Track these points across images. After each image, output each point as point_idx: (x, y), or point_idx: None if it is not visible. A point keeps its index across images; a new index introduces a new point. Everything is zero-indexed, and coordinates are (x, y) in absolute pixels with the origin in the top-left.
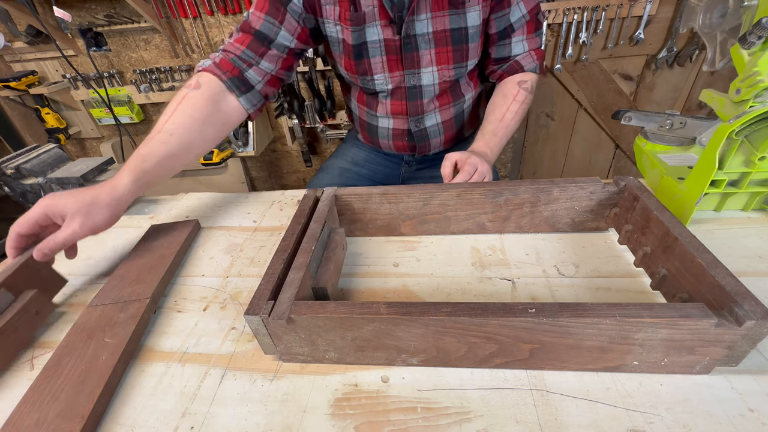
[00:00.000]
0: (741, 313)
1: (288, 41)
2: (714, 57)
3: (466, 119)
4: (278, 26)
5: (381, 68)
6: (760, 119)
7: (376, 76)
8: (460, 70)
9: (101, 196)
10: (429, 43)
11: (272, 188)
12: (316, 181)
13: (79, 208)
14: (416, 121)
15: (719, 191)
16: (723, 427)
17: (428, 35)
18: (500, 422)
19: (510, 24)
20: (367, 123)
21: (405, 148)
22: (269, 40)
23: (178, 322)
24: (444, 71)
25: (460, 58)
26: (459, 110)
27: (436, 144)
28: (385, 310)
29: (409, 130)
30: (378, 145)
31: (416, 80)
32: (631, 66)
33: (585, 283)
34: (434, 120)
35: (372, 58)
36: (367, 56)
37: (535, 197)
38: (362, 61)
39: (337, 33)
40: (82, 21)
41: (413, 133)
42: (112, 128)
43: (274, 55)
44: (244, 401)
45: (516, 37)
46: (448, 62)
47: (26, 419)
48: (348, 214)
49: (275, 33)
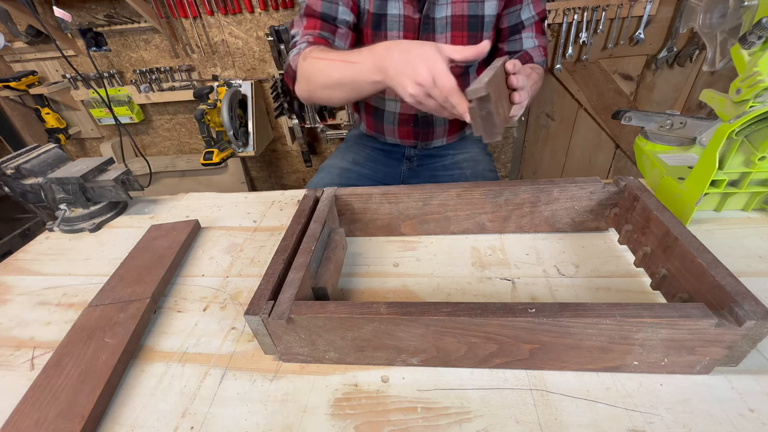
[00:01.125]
0: (741, 313)
1: (348, 16)
2: (714, 57)
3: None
4: (336, 3)
5: None
6: (760, 119)
7: None
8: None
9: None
10: (446, 27)
11: (272, 188)
12: (316, 180)
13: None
14: None
15: (719, 191)
16: (723, 427)
17: (446, 19)
18: (500, 422)
19: (521, 21)
20: (374, 107)
21: (409, 135)
22: (333, 18)
23: (178, 322)
24: None
25: (474, 45)
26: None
27: (439, 133)
28: (385, 310)
29: (415, 115)
30: (382, 132)
31: None
32: (631, 66)
33: (585, 283)
34: None
35: (389, 31)
36: (385, 29)
37: (535, 197)
38: (379, 32)
39: (364, 3)
40: (82, 21)
41: (419, 118)
42: (112, 128)
43: (343, 33)
44: (244, 401)
45: (526, 33)
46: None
47: (26, 419)
48: (348, 214)
49: (335, 10)
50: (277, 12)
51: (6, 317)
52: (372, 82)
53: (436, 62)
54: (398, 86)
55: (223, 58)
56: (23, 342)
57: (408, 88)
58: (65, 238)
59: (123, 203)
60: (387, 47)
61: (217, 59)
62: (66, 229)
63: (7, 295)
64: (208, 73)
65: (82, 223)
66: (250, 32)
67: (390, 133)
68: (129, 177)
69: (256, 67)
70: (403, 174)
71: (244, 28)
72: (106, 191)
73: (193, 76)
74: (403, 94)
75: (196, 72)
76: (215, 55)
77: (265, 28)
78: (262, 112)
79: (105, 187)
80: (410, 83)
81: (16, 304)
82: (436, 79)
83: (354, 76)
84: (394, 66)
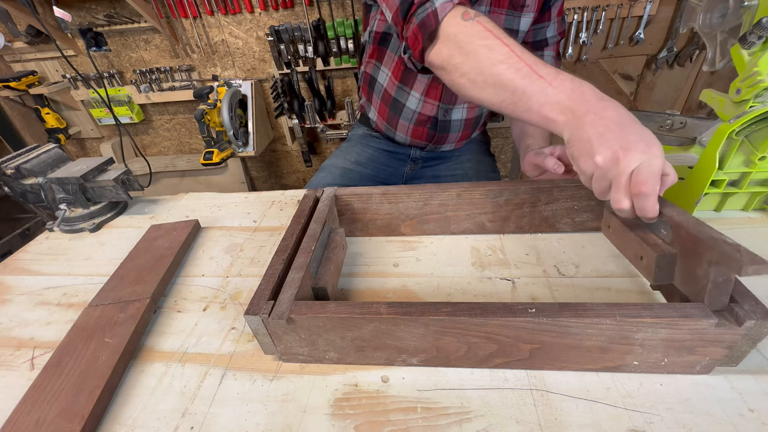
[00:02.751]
0: (741, 313)
1: None
2: (714, 57)
3: (480, 124)
4: None
5: None
6: (760, 119)
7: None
8: None
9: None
10: None
11: (272, 188)
12: (317, 180)
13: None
14: (445, 110)
15: (719, 191)
16: (723, 427)
17: None
18: (500, 422)
19: (546, 38)
20: (394, 98)
21: (422, 136)
22: None
23: (178, 322)
24: None
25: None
26: (481, 112)
27: (452, 139)
28: (385, 310)
29: (435, 117)
30: (394, 127)
31: None
32: (631, 66)
33: (585, 283)
34: (461, 115)
35: None
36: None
37: (535, 197)
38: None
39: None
40: (82, 21)
41: (438, 121)
42: (112, 128)
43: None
44: (244, 401)
45: (548, 51)
46: None
47: (26, 419)
48: (348, 214)
49: None
50: (277, 12)
51: (6, 317)
52: (543, 116)
53: (655, 156)
54: (584, 143)
55: (223, 58)
56: (23, 342)
57: (601, 153)
58: (65, 238)
59: (123, 203)
60: (600, 96)
61: (217, 59)
62: (66, 229)
63: (7, 295)
64: (208, 73)
65: (82, 223)
66: (250, 32)
67: (403, 130)
68: (129, 177)
69: (256, 67)
70: (406, 175)
71: (244, 28)
72: (106, 191)
73: (193, 76)
74: (584, 156)
75: (196, 72)
76: (215, 55)
77: (265, 28)
78: (262, 112)
79: (105, 187)
80: (607, 150)
81: (16, 304)
82: (650, 170)
83: (529, 91)
84: (595, 122)
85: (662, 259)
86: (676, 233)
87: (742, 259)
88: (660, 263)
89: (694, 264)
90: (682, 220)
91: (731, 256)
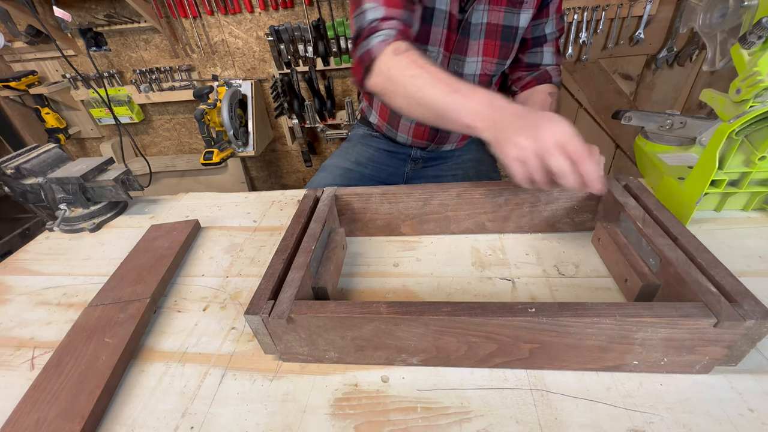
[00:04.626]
0: (741, 312)
1: None
2: (714, 57)
3: None
4: None
5: (438, 41)
6: (760, 119)
7: (430, 47)
8: (499, 67)
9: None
10: (480, 33)
11: (272, 188)
12: (317, 180)
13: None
14: None
15: (719, 191)
16: (723, 426)
17: (481, 26)
18: (500, 422)
19: (545, 34)
20: None
21: (423, 136)
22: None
23: (178, 322)
24: (487, 64)
25: (504, 54)
26: None
27: (453, 139)
28: (385, 310)
29: None
30: (395, 127)
31: (459, 67)
32: (631, 66)
33: (585, 283)
34: None
35: (434, 26)
36: (430, 22)
37: (535, 197)
38: (425, 26)
39: None
40: (82, 21)
41: None
42: (112, 128)
43: (417, 16)
44: (244, 401)
45: (547, 47)
46: (493, 56)
47: (26, 419)
48: (348, 214)
49: None
50: (277, 12)
51: (6, 317)
52: (465, 124)
53: (565, 127)
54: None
55: (223, 58)
56: (23, 342)
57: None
58: (65, 238)
59: (123, 203)
60: (508, 101)
61: (217, 59)
62: (66, 229)
63: (7, 295)
64: (208, 73)
65: (82, 223)
66: (250, 32)
67: (404, 130)
68: (129, 177)
69: (256, 67)
70: (407, 175)
71: (244, 28)
72: (106, 191)
73: (193, 76)
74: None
75: (196, 72)
76: (215, 55)
77: (265, 28)
78: (262, 112)
79: (105, 187)
80: (524, 131)
81: (16, 304)
82: (567, 142)
83: (451, 107)
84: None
85: (646, 288)
86: (664, 268)
87: (721, 312)
88: (643, 291)
89: (675, 300)
90: (672, 257)
91: (712, 308)
